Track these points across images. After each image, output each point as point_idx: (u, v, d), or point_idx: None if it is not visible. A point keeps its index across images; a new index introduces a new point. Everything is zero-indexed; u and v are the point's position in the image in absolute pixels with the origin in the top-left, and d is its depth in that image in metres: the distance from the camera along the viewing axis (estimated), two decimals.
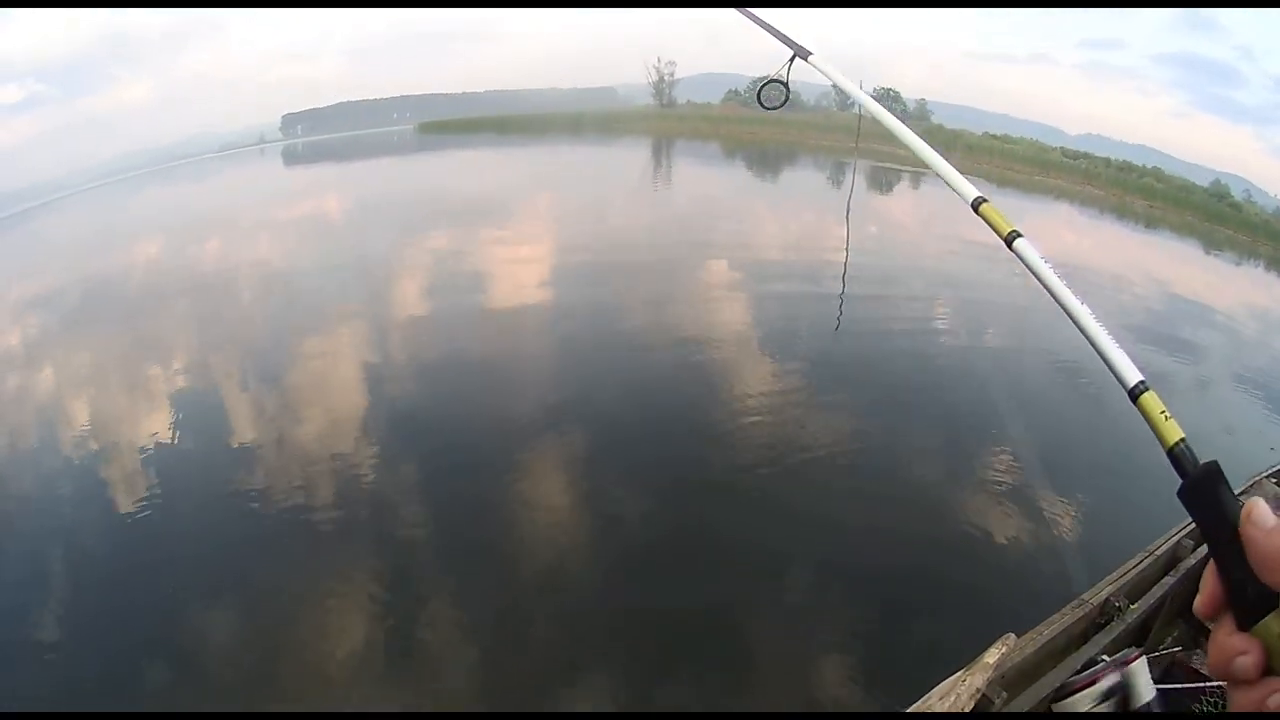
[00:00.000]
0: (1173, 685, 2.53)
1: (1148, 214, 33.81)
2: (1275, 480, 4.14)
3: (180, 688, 4.07)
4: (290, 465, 6.54)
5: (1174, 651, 3.03)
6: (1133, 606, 2.98)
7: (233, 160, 63.50)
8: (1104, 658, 2.63)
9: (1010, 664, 2.55)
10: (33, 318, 13.38)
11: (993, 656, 2.45)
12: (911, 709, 2.26)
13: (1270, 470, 4.29)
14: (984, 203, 1.01)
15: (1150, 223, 31.20)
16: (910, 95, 61.48)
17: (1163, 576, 3.24)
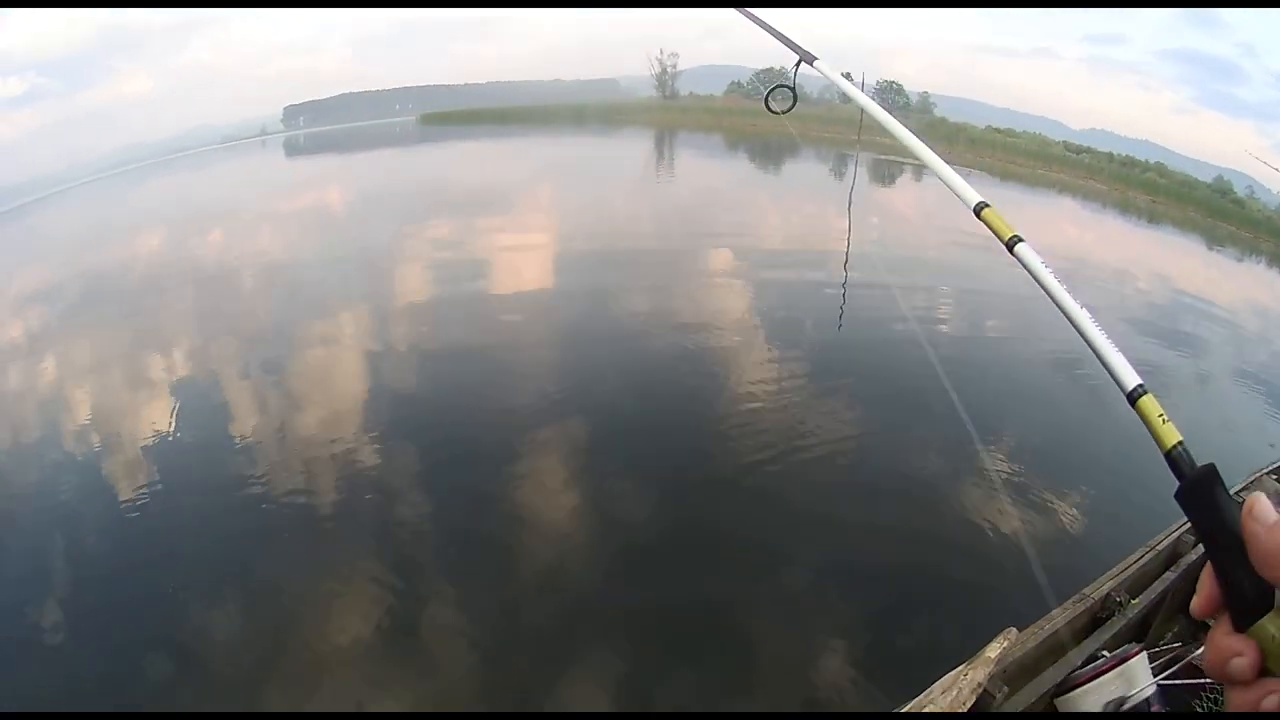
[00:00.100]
0: (1173, 681, 2.55)
1: (1150, 209, 33.66)
2: (1275, 477, 4.15)
3: (180, 685, 4.06)
4: (290, 456, 6.54)
5: (1174, 647, 3.05)
6: (1134, 601, 3.00)
7: (234, 152, 63.47)
8: (1105, 653, 2.65)
9: (1011, 658, 2.57)
10: (34, 310, 13.37)
11: (994, 651, 2.48)
12: (913, 703, 2.28)
13: (1271, 467, 4.30)
14: (986, 208, 1.03)
15: (1153, 218, 31.08)
16: (913, 89, 61.21)
17: (1164, 572, 3.26)
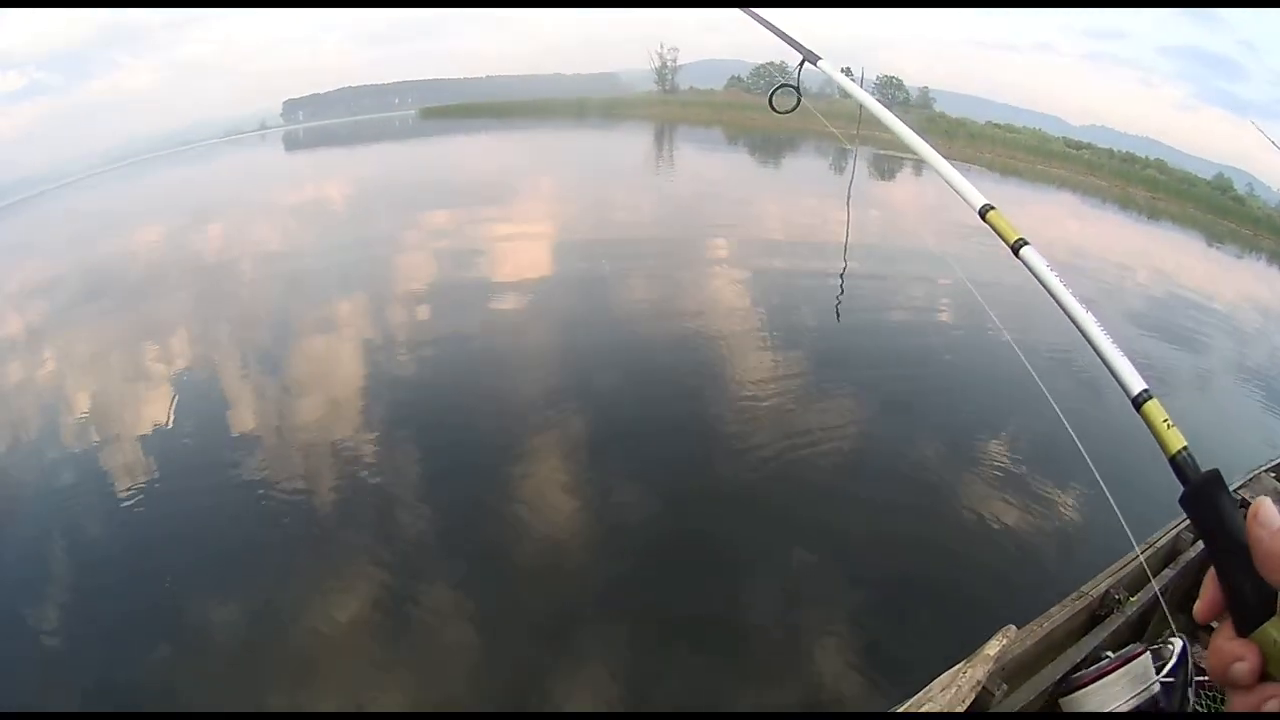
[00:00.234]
0: (1173, 679, 2.56)
1: (1150, 205, 33.63)
2: (1274, 475, 4.16)
3: (179, 686, 4.07)
4: (290, 449, 6.56)
5: (1174, 645, 3.05)
6: (1132, 599, 3.00)
7: (235, 146, 63.28)
8: (1109, 654, 2.66)
9: (1011, 656, 2.58)
10: (36, 303, 13.36)
11: (993, 648, 2.48)
12: (912, 701, 2.29)
13: (1269, 464, 4.30)
14: (991, 210, 1.03)
15: (1153, 214, 31.05)
16: (913, 84, 60.99)
17: (1162, 569, 3.26)
